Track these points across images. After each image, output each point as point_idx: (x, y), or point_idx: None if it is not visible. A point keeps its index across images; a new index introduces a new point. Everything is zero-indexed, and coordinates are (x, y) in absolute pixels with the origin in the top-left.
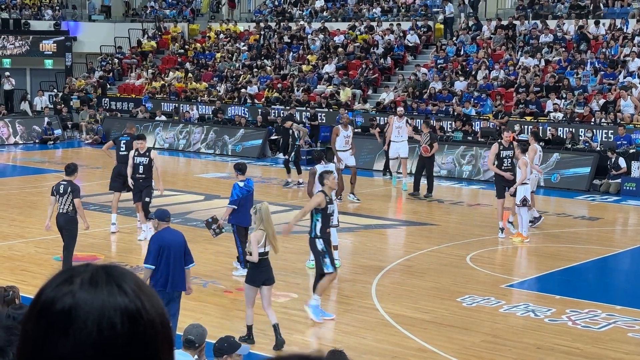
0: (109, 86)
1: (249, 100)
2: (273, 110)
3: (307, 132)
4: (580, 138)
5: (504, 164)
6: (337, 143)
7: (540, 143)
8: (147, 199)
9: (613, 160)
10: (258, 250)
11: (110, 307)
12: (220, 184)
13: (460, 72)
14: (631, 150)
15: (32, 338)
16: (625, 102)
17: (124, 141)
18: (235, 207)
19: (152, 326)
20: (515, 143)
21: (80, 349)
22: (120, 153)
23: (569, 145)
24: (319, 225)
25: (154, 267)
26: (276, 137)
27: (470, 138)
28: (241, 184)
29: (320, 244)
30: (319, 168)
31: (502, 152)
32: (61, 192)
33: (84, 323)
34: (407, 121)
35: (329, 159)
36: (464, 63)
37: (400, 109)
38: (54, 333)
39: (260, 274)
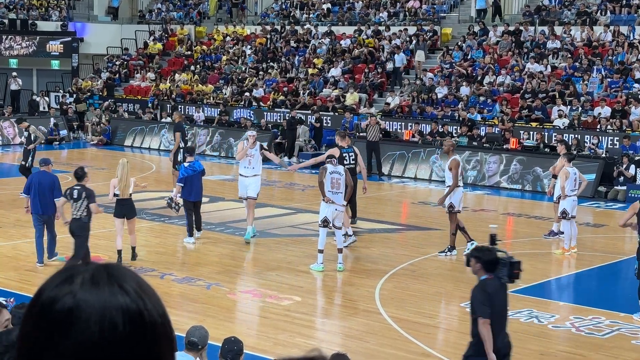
0: (115, 87)
1: (254, 103)
2: (278, 114)
3: (42, 140)
4: (586, 145)
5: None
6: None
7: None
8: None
9: (625, 166)
10: (114, 192)
11: (112, 308)
12: (225, 186)
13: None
14: (637, 158)
15: (31, 339)
16: (636, 110)
17: None
18: (183, 185)
19: (154, 327)
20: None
21: (81, 351)
22: None
23: (575, 152)
24: None
25: (27, 195)
26: (281, 139)
27: (475, 143)
28: (186, 165)
29: None
30: (329, 167)
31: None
32: (75, 197)
33: (86, 324)
34: (261, 146)
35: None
36: (469, 68)
37: (252, 133)
38: (55, 334)
39: (121, 209)
